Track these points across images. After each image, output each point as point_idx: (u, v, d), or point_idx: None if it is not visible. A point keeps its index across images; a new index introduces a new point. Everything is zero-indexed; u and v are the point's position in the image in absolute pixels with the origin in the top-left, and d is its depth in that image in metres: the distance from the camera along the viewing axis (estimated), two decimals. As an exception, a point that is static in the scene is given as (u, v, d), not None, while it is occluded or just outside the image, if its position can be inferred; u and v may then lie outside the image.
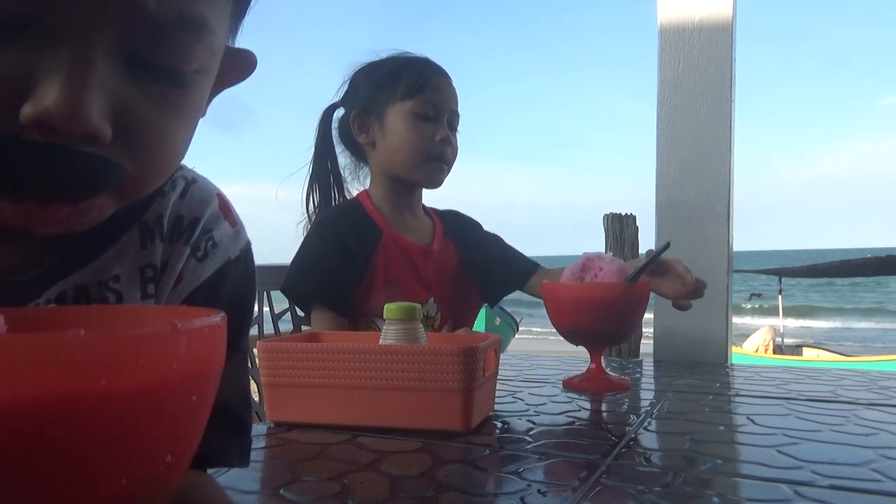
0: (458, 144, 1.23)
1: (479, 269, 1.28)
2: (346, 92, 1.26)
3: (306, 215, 1.26)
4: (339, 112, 1.27)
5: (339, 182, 1.28)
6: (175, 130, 0.39)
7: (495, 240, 1.35)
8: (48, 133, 0.32)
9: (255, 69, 0.47)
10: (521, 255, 1.35)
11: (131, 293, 0.45)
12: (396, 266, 1.17)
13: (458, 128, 1.23)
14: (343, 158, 1.29)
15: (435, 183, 1.22)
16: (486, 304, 1.39)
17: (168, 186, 0.48)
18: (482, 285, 1.30)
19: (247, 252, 0.53)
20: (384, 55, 1.24)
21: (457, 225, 1.31)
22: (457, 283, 1.25)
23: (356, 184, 1.29)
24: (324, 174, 1.27)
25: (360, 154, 1.27)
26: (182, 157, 0.41)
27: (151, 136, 0.37)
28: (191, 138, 0.42)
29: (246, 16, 0.44)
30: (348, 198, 1.27)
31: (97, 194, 0.36)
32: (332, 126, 1.28)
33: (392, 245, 1.17)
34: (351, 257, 1.13)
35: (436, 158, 1.18)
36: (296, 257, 1.17)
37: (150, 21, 0.34)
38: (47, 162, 0.33)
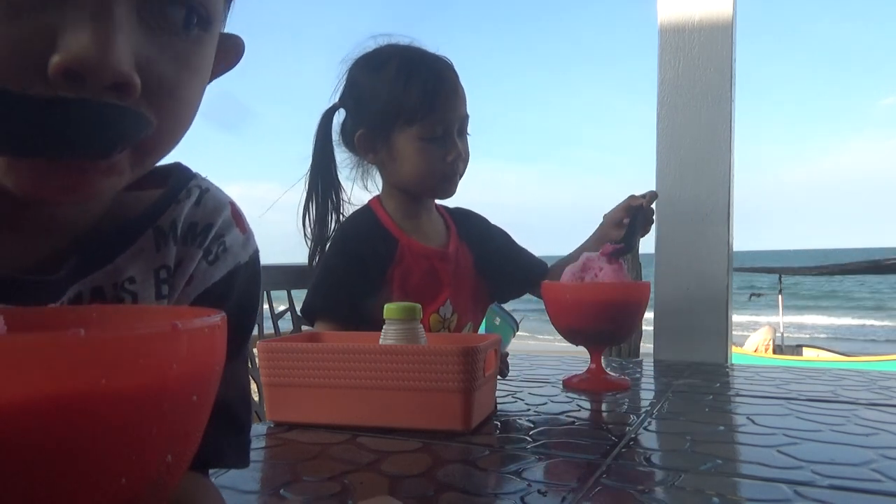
0: (469, 144, 1.18)
1: (491, 268, 1.26)
2: (345, 93, 1.20)
3: (303, 233, 1.20)
4: (340, 114, 1.21)
5: (338, 194, 1.21)
6: (189, 87, 0.40)
7: (505, 238, 1.33)
8: (78, 83, 0.32)
9: (243, 53, 0.49)
10: (532, 256, 1.34)
11: (146, 293, 0.46)
12: (415, 274, 1.15)
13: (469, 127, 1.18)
14: (345, 156, 1.22)
15: (447, 195, 1.20)
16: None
17: (183, 194, 0.49)
18: (493, 285, 1.28)
19: (255, 258, 0.55)
20: (381, 42, 1.17)
21: (470, 226, 1.29)
22: (471, 284, 1.24)
23: (368, 182, 1.23)
24: (323, 186, 1.20)
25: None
26: (193, 119, 0.42)
27: (171, 91, 0.38)
28: (200, 102, 0.43)
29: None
30: (345, 212, 1.22)
31: (125, 148, 0.37)
32: (333, 129, 1.21)
33: (408, 253, 1.15)
34: (367, 272, 1.11)
35: (448, 177, 1.15)
36: (314, 279, 1.14)
37: None
38: (78, 116, 0.33)
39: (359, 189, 1.24)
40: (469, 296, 1.22)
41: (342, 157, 1.23)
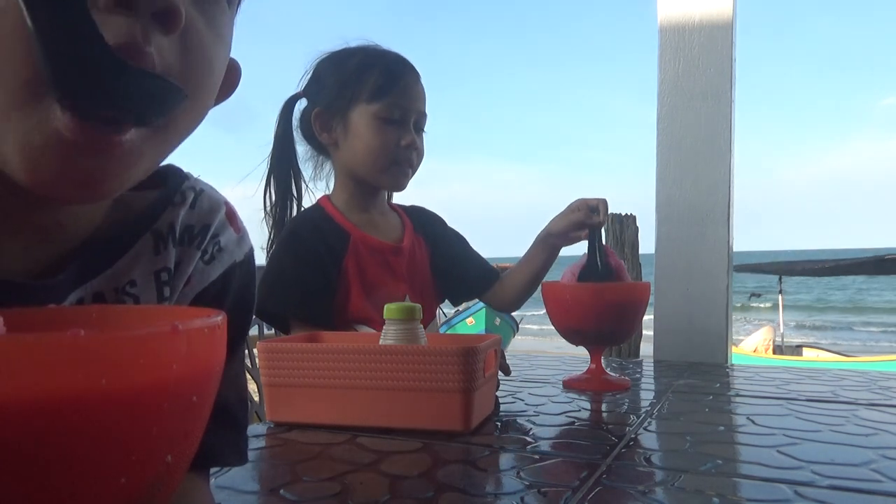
0: (425, 147, 1.19)
1: (445, 268, 1.27)
2: (309, 82, 1.20)
3: (265, 212, 1.20)
4: (302, 104, 1.21)
5: (298, 179, 1.22)
6: (220, 63, 0.40)
7: (459, 239, 1.33)
8: (125, 7, 0.33)
9: (241, 76, 0.49)
10: (485, 261, 1.34)
11: (147, 296, 0.47)
12: (370, 267, 1.14)
13: (426, 128, 1.19)
14: (302, 149, 1.23)
15: (399, 187, 1.19)
16: (484, 305, 1.38)
17: (178, 197, 0.50)
18: (445, 284, 1.28)
19: (250, 257, 0.55)
20: (353, 44, 1.19)
21: (425, 221, 1.29)
22: (427, 281, 1.24)
23: (319, 179, 1.24)
24: (283, 169, 1.20)
25: (322, 150, 1.22)
26: (208, 110, 0.42)
27: (206, 60, 0.38)
28: (215, 93, 0.42)
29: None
30: (304, 193, 1.22)
31: (159, 117, 0.36)
32: (294, 118, 1.21)
33: (361, 247, 1.14)
34: (323, 266, 1.10)
35: (400, 163, 1.15)
36: (265, 275, 1.11)
37: None
38: (126, 77, 0.33)
39: (315, 181, 1.24)
40: (426, 293, 1.22)
41: (300, 149, 1.23)
